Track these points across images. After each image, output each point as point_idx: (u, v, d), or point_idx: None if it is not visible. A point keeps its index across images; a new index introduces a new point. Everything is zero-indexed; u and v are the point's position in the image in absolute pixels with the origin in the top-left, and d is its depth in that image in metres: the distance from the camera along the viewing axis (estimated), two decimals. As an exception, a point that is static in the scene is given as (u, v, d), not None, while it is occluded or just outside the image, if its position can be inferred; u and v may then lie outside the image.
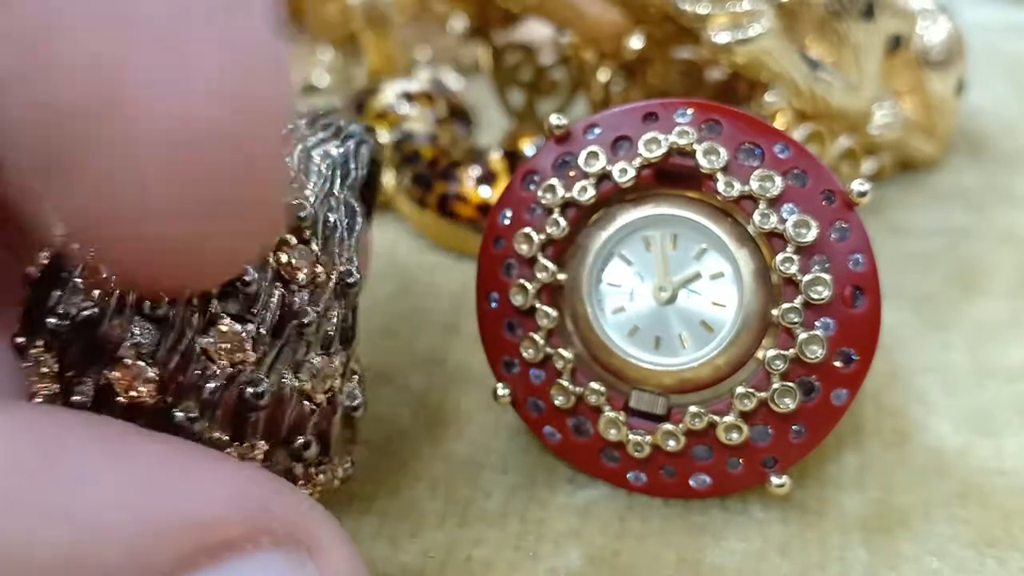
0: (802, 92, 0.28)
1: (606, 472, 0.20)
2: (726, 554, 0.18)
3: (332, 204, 0.17)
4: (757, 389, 0.19)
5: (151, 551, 0.12)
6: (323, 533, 0.14)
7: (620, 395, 0.20)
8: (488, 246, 0.21)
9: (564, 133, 0.20)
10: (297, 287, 0.16)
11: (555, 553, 0.19)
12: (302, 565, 0.14)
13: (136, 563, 0.12)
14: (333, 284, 0.16)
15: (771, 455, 0.19)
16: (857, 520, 0.19)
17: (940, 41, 0.34)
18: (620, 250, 0.20)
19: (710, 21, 0.26)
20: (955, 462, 0.21)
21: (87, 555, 0.12)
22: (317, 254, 0.16)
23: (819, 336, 0.18)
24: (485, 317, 0.21)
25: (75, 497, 0.12)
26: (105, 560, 0.12)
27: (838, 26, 0.29)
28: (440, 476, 0.21)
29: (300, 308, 0.16)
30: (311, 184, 0.17)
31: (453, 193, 0.30)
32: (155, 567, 0.12)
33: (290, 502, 0.14)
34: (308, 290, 0.16)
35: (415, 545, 0.19)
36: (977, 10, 0.55)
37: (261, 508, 0.13)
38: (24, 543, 0.11)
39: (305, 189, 0.17)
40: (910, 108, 0.34)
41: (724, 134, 0.19)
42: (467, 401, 0.23)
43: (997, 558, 0.18)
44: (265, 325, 0.15)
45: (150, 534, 0.12)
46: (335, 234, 0.17)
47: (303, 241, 0.16)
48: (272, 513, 0.14)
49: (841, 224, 0.18)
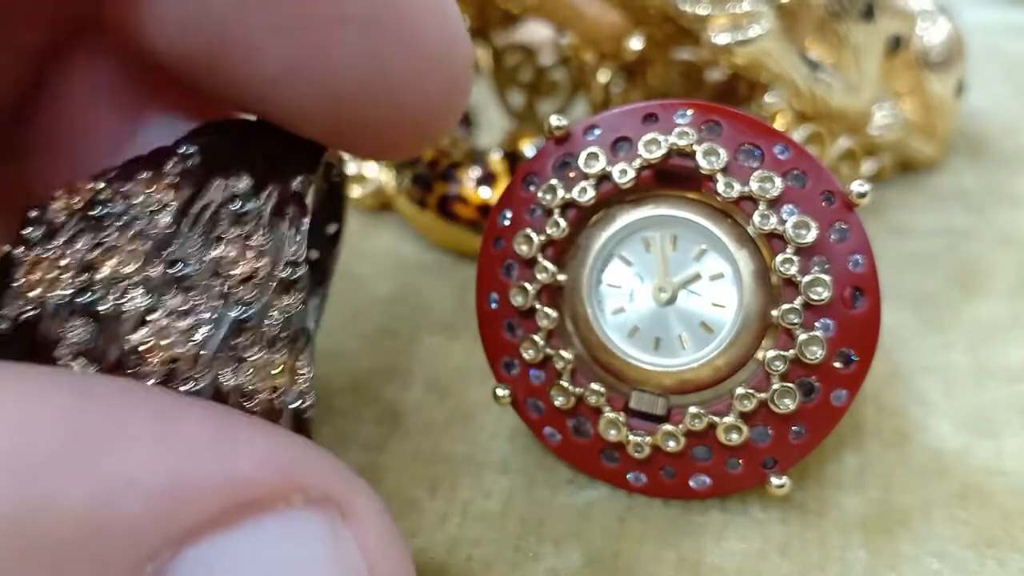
0: (802, 93, 0.28)
1: (606, 473, 0.20)
2: (726, 554, 0.19)
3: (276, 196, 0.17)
4: (757, 390, 0.19)
5: (181, 510, 0.12)
6: (359, 500, 0.14)
7: (620, 396, 0.20)
8: (488, 247, 0.21)
9: (564, 134, 0.20)
10: (237, 281, 0.15)
11: (555, 553, 0.19)
12: (335, 526, 0.14)
13: (165, 521, 0.12)
14: (278, 278, 0.16)
15: (771, 456, 0.19)
16: (857, 520, 0.19)
17: (940, 42, 0.34)
18: (620, 251, 0.20)
19: (710, 22, 0.26)
20: (955, 463, 0.21)
21: (116, 514, 0.12)
22: (260, 248, 0.16)
23: (819, 337, 0.18)
24: (485, 318, 0.21)
25: (108, 455, 0.12)
26: (134, 518, 0.12)
27: (838, 27, 0.29)
28: (440, 476, 0.21)
29: (240, 302, 0.15)
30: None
31: (453, 194, 0.30)
32: (186, 525, 0.12)
33: (326, 467, 0.14)
34: (249, 284, 0.15)
35: (416, 545, 0.19)
36: (977, 11, 0.55)
37: (295, 469, 0.14)
38: (52, 500, 0.12)
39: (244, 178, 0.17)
40: (910, 109, 0.34)
41: (724, 135, 0.19)
42: (467, 402, 0.23)
43: (997, 559, 0.18)
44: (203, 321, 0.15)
45: (181, 493, 0.12)
46: (280, 226, 0.16)
47: (244, 236, 0.16)
48: (306, 474, 0.14)
49: (841, 225, 0.18)
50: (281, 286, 0.16)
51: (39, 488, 0.12)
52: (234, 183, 0.16)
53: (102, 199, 0.16)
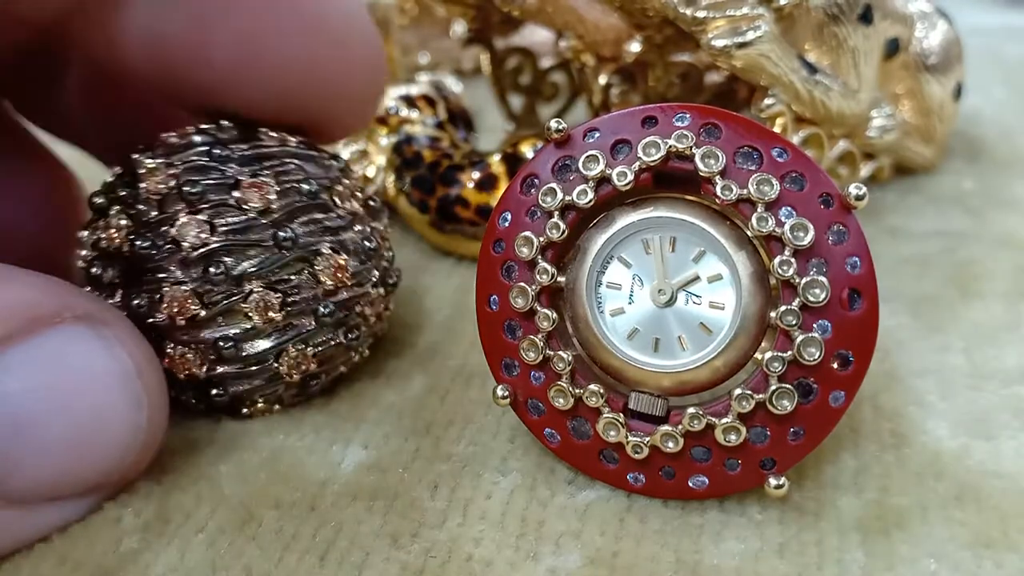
0: (800, 96, 0.28)
1: (605, 473, 0.20)
2: (724, 555, 0.19)
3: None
4: (755, 391, 0.19)
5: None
6: (119, 321, 0.19)
7: (619, 397, 0.20)
8: (488, 249, 0.21)
9: (563, 137, 0.20)
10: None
11: (555, 553, 0.19)
12: (103, 334, 0.19)
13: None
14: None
15: (769, 456, 0.19)
16: (854, 521, 0.19)
17: (938, 45, 0.34)
18: (619, 253, 0.20)
19: (709, 25, 0.26)
20: (952, 464, 0.21)
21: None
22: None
23: (816, 338, 0.18)
24: (485, 319, 0.21)
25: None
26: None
27: (836, 30, 0.29)
28: (441, 477, 0.21)
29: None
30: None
31: (454, 196, 0.30)
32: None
33: (88, 298, 0.20)
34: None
35: (416, 544, 0.19)
36: (975, 14, 0.55)
37: (64, 297, 0.19)
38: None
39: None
40: (908, 112, 0.34)
41: (722, 138, 0.19)
42: (467, 403, 0.24)
43: (994, 559, 0.18)
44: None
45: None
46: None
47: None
48: (74, 300, 0.19)
49: (838, 227, 0.19)
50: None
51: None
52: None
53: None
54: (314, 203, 0.22)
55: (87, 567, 0.18)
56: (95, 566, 0.18)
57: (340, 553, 0.19)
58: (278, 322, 0.21)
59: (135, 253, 0.21)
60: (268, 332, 0.21)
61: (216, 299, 0.21)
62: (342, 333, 0.22)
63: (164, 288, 0.21)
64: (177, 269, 0.21)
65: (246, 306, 0.21)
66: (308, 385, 0.23)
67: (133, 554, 0.19)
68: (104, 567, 0.18)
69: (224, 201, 0.21)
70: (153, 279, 0.21)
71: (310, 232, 0.22)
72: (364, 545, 0.19)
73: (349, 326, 0.23)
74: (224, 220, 0.21)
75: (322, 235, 0.22)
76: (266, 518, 0.20)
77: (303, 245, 0.21)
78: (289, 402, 0.23)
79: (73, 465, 0.18)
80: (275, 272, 0.21)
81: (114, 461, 0.19)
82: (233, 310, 0.21)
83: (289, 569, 0.18)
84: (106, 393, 0.19)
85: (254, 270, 0.21)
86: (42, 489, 0.18)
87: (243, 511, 0.20)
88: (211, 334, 0.21)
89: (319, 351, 0.22)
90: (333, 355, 0.23)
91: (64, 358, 0.18)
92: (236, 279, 0.21)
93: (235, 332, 0.21)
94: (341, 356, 0.23)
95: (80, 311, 0.19)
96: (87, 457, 0.19)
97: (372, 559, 0.19)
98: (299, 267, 0.21)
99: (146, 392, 0.19)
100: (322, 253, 0.22)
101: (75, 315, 0.19)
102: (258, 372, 0.22)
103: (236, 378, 0.22)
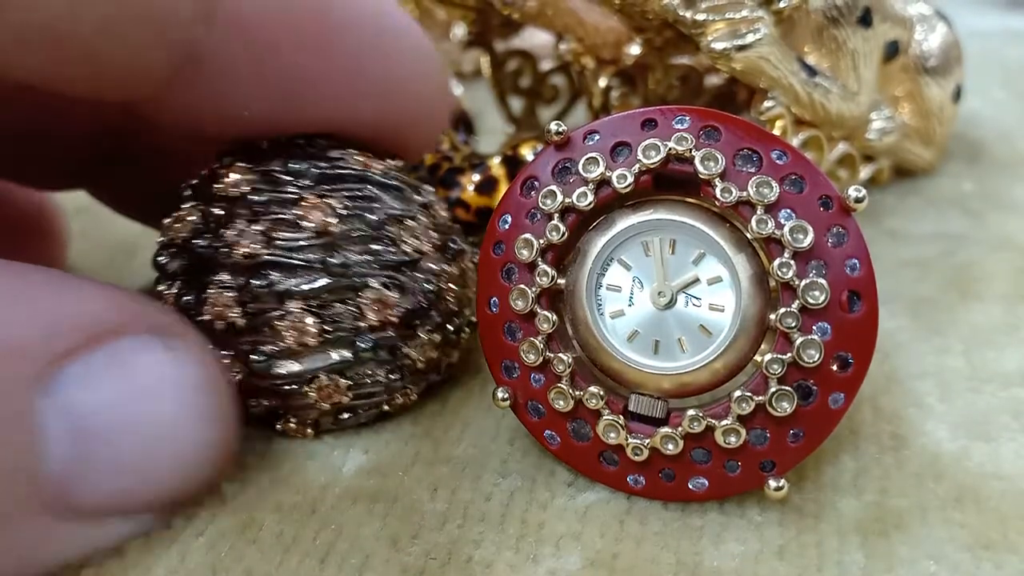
0: (800, 98, 0.28)
1: (605, 475, 0.20)
2: (724, 557, 0.19)
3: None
4: (755, 393, 0.19)
5: (56, 339, 0.17)
6: (184, 329, 0.19)
7: (619, 399, 0.20)
8: (488, 251, 0.21)
9: (564, 139, 0.20)
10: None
11: (555, 555, 0.19)
12: (172, 343, 0.18)
13: (45, 349, 0.17)
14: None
15: (769, 459, 0.19)
16: (854, 523, 0.19)
17: (937, 48, 0.34)
18: (619, 255, 0.20)
19: (708, 28, 0.27)
20: (952, 466, 0.21)
21: (7, 345, 0.16)
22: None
23: (816, 340, 0.18)
24: (485, 321, 0.21)
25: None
26: (22, 345, 0.16)
27: (836, 33, 0.29)
28: (441, 478, 0.21)
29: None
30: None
31: (454, 198, 0.30)
32: (60, 351, 0.17)
33: (158, 309, 0.19)
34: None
35: (416, 546, 0.19)
36: (975, 17, 0.55)
37: (130, 309, 0.18)
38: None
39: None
40: (907, 114, 0.34)
41: (722, 140, 0.19)
42: (467, 404, 0.24)
43: (993, 561, 0.18)
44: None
45: (54, 328, 0.17)
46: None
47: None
48: (141, 312, 0.19)
49: (838, 229, 0.19)
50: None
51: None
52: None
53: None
54: (377, 234, 0.21)
55: (88, 569, 0.18)
56: (96, 569, 0.19)
57: (340, 556, 0.19)
58: (313, 347, 0.21)
59: (194, 250, 0.21)
60: (301, 355, 0.21)
61: (255, 311, 0.20)
62: (383, 372, 0.22)
63: (210, 290, 0.21)
64: (226, 274, 0.21)
65: (282, 325, 0.20)
66: (342, 417, 0.22)
67: (134, 557, 0.19)
68: (105, 570, 0.19)
69: (283, 215, 0.21)
70: (204, 279, 0.21)
71: (364, 263, 0.21)
72: (364, 547, 0.19)
73: (393, 366, 0.22)
74: (280, 234, 0.21)
75: (378, 269, 0.21)
76: (267, 521, 0.20)
77: (353, 275, 0.21)
78: (324, 428, 0.22)
79: (141, 478, 0.18)
80: (318, 296, 0.21)
81: (183, 476, 0.19)
82: (270, 326, 0.21)
83: (289, 572, 0.18)
84: (175, 407, 0.18)
85: (297, 290, 0.20)
86: (109, 503, 0.18)
87: (244, 515, 0.20)
88: (246, 345, 0.21)
89: (354, 385, 0.21)
90: (372, 392, 0.22)
91: (132, 370, 0.18)
92: (279, 295, 0.20)
93: (269, 348, 0.21)
94: (381, 394, 0.22)
95: (149, 323, 0.18)
96: (155, 471, 0.18)
97: (372, 561, 0.19)
98: (344, 296, 0.21)
99: (217, 407, 0.19)
100: (371, 287, 0.21)
101: (143, 327, 0.18)
102: (289, 393, 0.21)
103: (269, 393, 0.21)
